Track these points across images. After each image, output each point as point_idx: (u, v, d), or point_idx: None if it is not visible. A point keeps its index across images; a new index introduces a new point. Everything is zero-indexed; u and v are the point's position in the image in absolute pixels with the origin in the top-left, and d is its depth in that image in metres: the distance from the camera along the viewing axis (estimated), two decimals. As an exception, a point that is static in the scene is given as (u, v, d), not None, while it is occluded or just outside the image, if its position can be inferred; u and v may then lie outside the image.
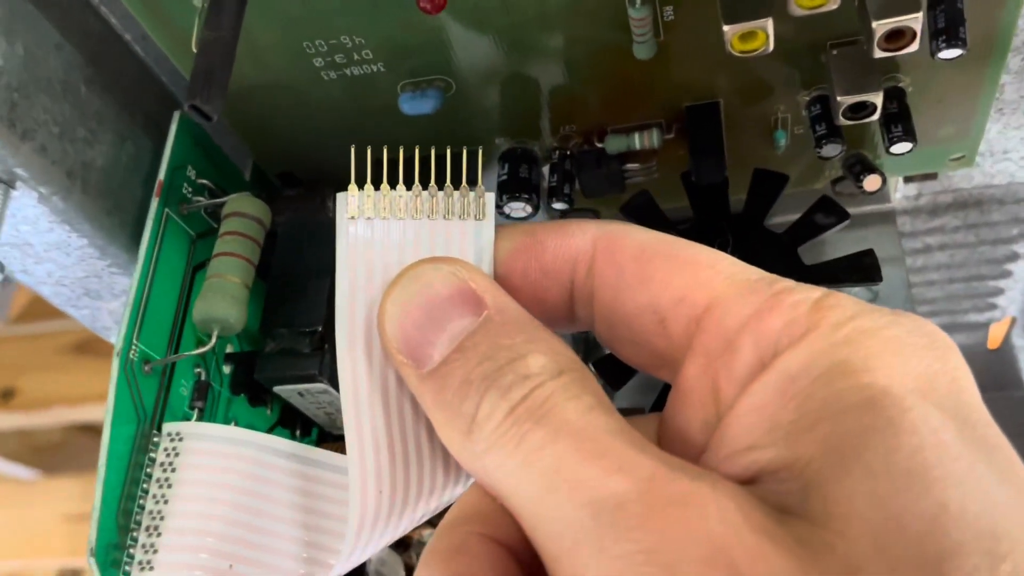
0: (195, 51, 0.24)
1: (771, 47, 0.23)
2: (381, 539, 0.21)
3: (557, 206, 0.30)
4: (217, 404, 0.29)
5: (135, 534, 0.24)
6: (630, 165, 0.30)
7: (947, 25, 0.23)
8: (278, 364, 0.28)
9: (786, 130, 0.29)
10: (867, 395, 0.15)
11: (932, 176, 0.32)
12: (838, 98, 0.25)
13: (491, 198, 0.22)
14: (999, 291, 0.41)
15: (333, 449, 0.26)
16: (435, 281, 0.19)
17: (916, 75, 0.27)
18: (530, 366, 0.17)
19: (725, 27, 0.23)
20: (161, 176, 0.27)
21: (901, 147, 0.27)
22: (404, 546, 0.36)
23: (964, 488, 0.14)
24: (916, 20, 0.22)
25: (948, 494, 0.14)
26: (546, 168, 0.30)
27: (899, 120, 0.27)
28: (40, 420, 1.19)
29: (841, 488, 0.14)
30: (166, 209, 0.27)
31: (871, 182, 0.28)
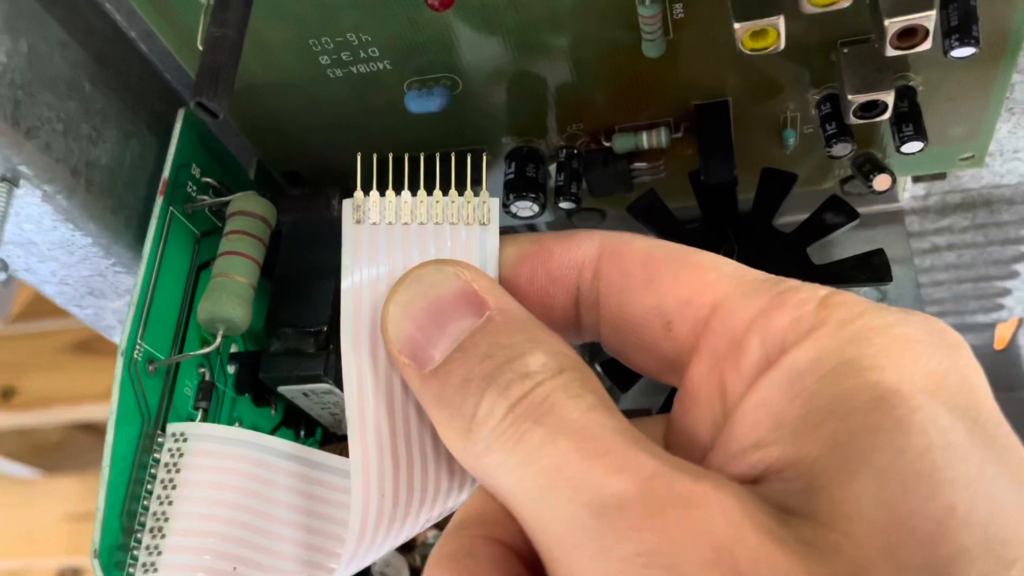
0: (201, 48, 0.24)
1: (782, 45, 0.23)
2: (383, 544, 0.21)
3: (564, 205, 0.30)
4: (221, 404, 0.28)
5: (139, 535, 0.24)
6: (638, 164, 0.30)
7: (960, 23, 0.23)
8: (283, 364, 0.28)
9: (795, 129, 0.29)
10: (875, 394, 0.15)
11: (941, 176, 0.32)
12: (849, 97, 0.25)
13: (495, 203, 0.21)
14: (1007, 292, 0.41)
15: (337, 450, 0.26)
16: (438, 283, 0.18)
17: (927, 74, 0.27)
18: (530, 364, 0.17)
19: (736, 25, 0.23)
20: (165, 174, 0.26)
21: (912, 146, 0.26)
22: (408, 548, 0.36)
23: (973, 490, 0.14)
24: (929, 18, 0.22)
25: (957, 496, 0.14)
26: (553, 167, 0.30)
27: (910, 119, 0.26)
28: (40, 419, 1.19)
29: (848, 489, 0.14)
30: (171, 208, 0.27)
31: (881, 182, 0.28)
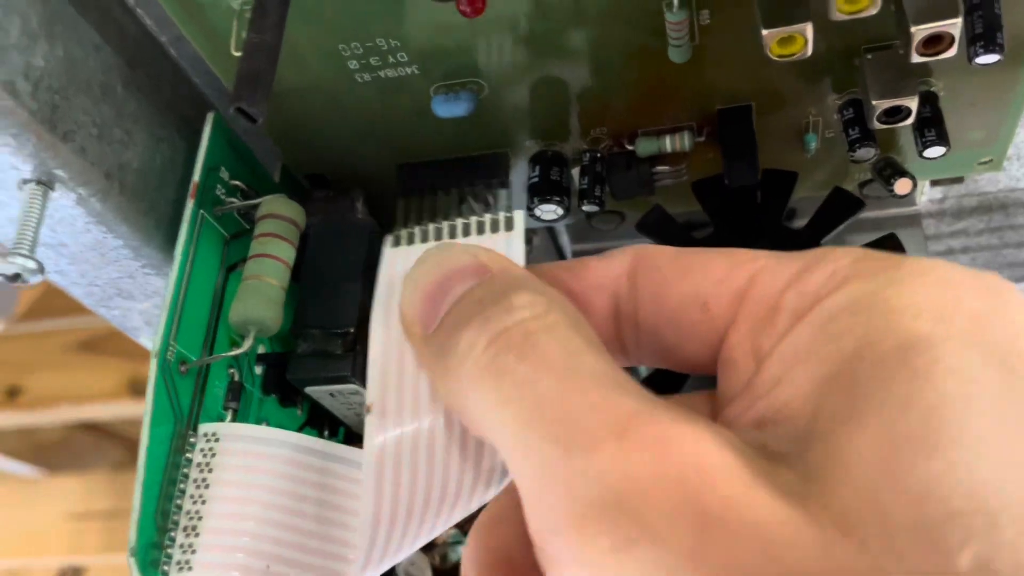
0: (235, 54, 0.25)
1: (809, 51, 0.24)
2: (400, 544, 0.21)
3: (587, 208, 0.30)
4: (249, 405, 0.29)
5: (173, 534, 0.24)
6: (660, 168, 0.30)
7: (985, 30, 0.23)
8: (310, 365, 0.29)
9: (817, 133, 0.29)
10: (902, 339, 0.14)
11: (959, 180, 0.33)
12: (873, 102, 0.25)
13: (520, 215, 0.22)
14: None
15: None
16: (449, 258, 0.19)
17: (948, 79, 0.27)
18: (513, 301, 0.16)
19: (764, 31, 0.23)
20: (196, 178, 0.27)
21: (934, 151, 0.27)
22: (429, 547, 0.36)
23: (978, 449, 0.13)
24: (955, 25, 0.23)
25: (959, 455, 0.13)
26: (576, 170, 0.31)
27: (932, 124, 0.27)
28: (46, 418, 1.20)
29: (846, 439, 0.14)
30: (201, 210, 0.27)
31: (902, 186, 0.28)
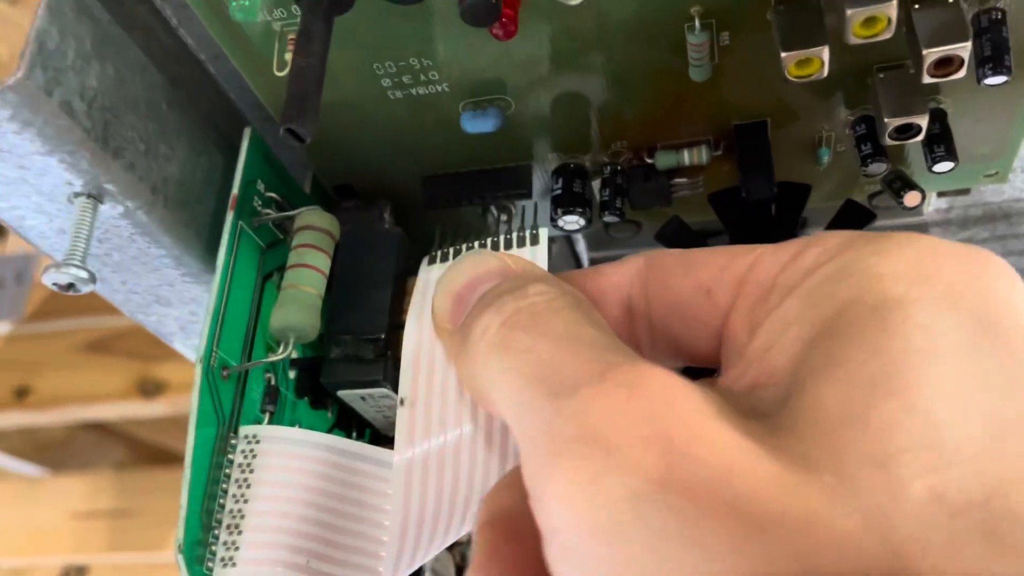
0: (278, 74, 0.26)
1: (825, 72, 0.25)
2: (428, 547, 0.22)
3: (608, 219, 0.31)
4: (283, 407, 0.30)
5: (216, 532, 0.26)
6: (678, 180, 0.31)
7: (993, 53, 0.24)
8: (343, 370, 0.30)
9: (829, 147, 0.30)
10: (879, 300, 0.15)
11: (965, 191, 0.34)
12: (885, 120, 0.26)
13: (544, 231, 0.24)
14: (1021, 299, 0.42)
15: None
16: (478, 262, 0.20)
17: (957, 97, 0.28)
18: (529, 291, 0.18)
19: (783, 53, 0.24)
20: (235, 190, 0.28)
21: (943, 166, 0.28)
22: (452, 545, 0.37)
23: (938, 394, 0.14)
24: (965, 49, 0.24)
25: (918, 398, 0.14)
26: (597, 182, 0.32)
27: (941, 140, 0.28)
28: (54, 418, 1.20)
29: (814, 390, 0.14)
30: (239, 222, 0.28)
31: (911, 198, 0.29)
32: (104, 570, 1.30)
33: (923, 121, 0.26)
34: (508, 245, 0.25)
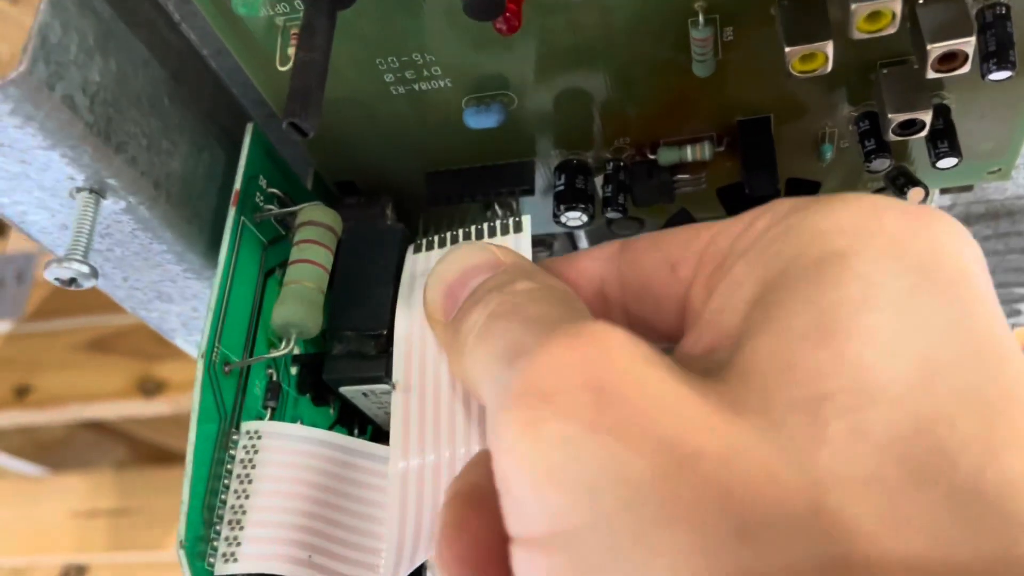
0: (281, 69, 0.26)
1: (829, 68, 0.25)
2: (426, 551, 0.23)
3: (610, 215, 0.31)
4: (285, 403, 0.30)
5: (218, 527, 0.26)
6: (680, 176, 0.31)
7: (998, 48, 0.24)
8: (345, 366, 0.30)
9: (833, 143, 0.30)
10: (820, 254, 0.15)
11: (968, 188, 0.34)
12: (888, 115, 0.26)
13: (527, 219, 0.24)
14: (1024, 298, 0.42)
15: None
16: (469, 254, 0.20)
17: (960, 93, 0.28)
18: (517, 287, 0.18)
19: (787, 48, 0.24)
20: (237, 186, 0.28)
21: (947, 162, 0.28)
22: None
23: (867, 340, 0.14)
24: (969, 44, 0.24)
25: (847, 345, 0.14)
26: (599, 179, 0.32)
27: (945, 136, 0.28)
28: (54, 417, 1.20)
29: (751, 343, 0.15)
30: (241, 217, 0.28)
31: (915, 195, 0.29)
32: (104, 569, 1.30)
33: (927, 117, 0.26)
34: (492, 233, 0.25)
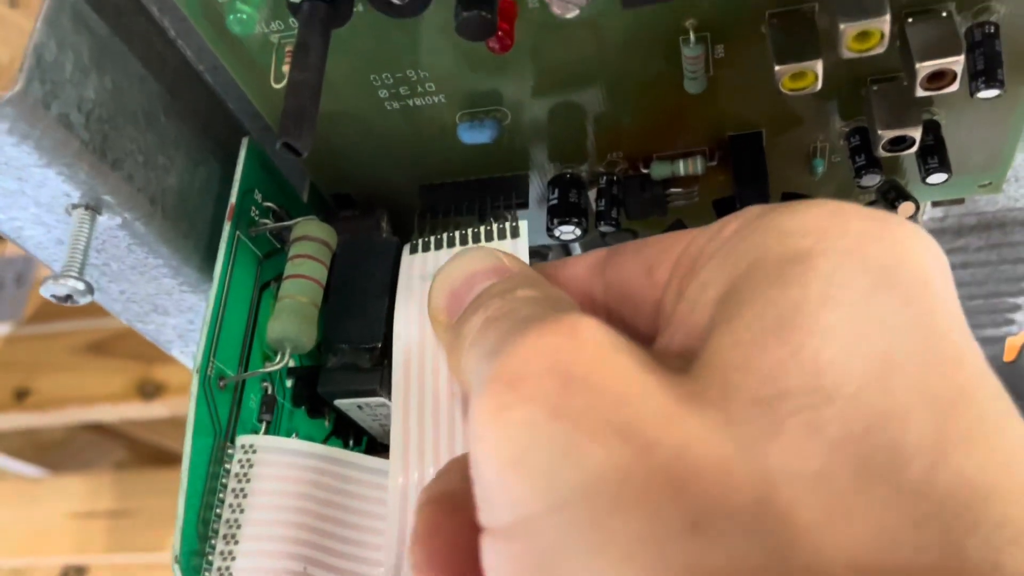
0: (275, 86, 0.26)
1: (819, 86, 0.25)
2: None
3: (604, 229, 0.31)
4: (280, 416, 0.30)
5: (213, 541, 0.26)
6: (673, 189, 0.32)
7: (986, 67, 0.24)
8: (340, 379, 0.30)
9: (824, 158, 0.30)
10: (784, 254, 0.15)
11: (959, 201, 0.34)
12: (879, 132, 0.27)
13: (524, 224, 0.24)
14: (1017, 307, 0.42)
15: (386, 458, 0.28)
16: (473, 259, 0.20)
17: (950, 109, 0.28)
18: (517, 294, 0.18)
19: (777, 67, 0.24)
20: (233, 200, 0.28)
21: (937, 177, 0.28)
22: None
23: (827, 338, 0.14)
24: (958, 63, 0.24)
25: (807, 342, 0.14)
26: (592, 192, 0.32)
27: (935, 152, 0.28)
28: (54, 420, 1.20)
29: (714, 342, 0.15)
30: (237, 232, 0.28)
31: (905, 209, 0.30)
32: (103, 570, 1.30)
33: (916, 133, 0.26)
34: (489, 238, 0.25)
